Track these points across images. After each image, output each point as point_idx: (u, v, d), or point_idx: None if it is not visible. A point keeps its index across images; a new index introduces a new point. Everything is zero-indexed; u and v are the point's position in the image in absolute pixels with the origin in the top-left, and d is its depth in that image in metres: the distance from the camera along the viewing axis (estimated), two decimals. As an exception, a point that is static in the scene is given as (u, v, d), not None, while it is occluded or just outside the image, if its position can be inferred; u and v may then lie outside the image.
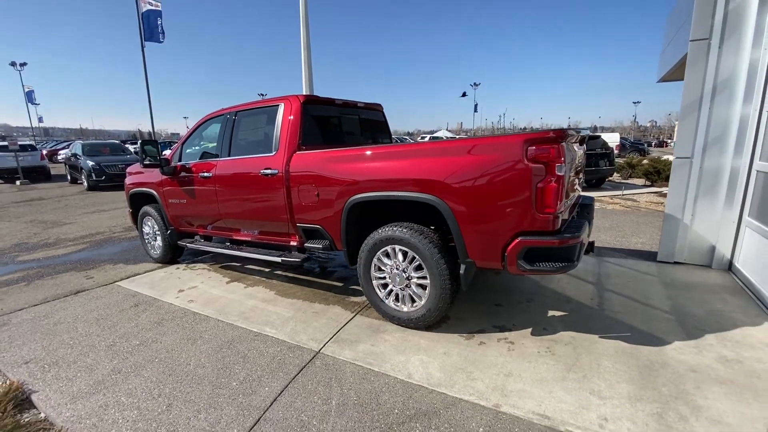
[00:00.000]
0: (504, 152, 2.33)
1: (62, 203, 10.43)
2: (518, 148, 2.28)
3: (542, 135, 2.26)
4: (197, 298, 3.83)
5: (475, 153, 2.44)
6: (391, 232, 2.84)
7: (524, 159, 2.26)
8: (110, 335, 3.12)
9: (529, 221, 2.33)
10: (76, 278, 4.59)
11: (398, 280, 2.90)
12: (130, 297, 3.95)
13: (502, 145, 2.35)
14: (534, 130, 2.62)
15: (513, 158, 2.30)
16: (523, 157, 2.27)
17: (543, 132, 2.28)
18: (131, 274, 4.69)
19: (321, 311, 3.39)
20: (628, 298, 3.41)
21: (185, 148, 4.51)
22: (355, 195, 2.95)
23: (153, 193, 4.81)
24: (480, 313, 3.20)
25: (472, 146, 2.47)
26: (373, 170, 2.85)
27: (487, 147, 2.41)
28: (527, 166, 2.26)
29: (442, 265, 2.65)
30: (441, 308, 2.75)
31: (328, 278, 4.28)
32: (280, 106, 3.58)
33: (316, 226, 3.36)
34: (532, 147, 2.25)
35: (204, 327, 3.20)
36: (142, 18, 17.21)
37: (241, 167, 3.80)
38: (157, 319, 3.38)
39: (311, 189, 3.24)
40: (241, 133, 3.99)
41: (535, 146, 2.24)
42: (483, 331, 2.89)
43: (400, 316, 2.95)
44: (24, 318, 3.52)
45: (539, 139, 2.25)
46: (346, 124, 4.17)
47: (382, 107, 4.62)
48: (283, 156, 3.42)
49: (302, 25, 9.35)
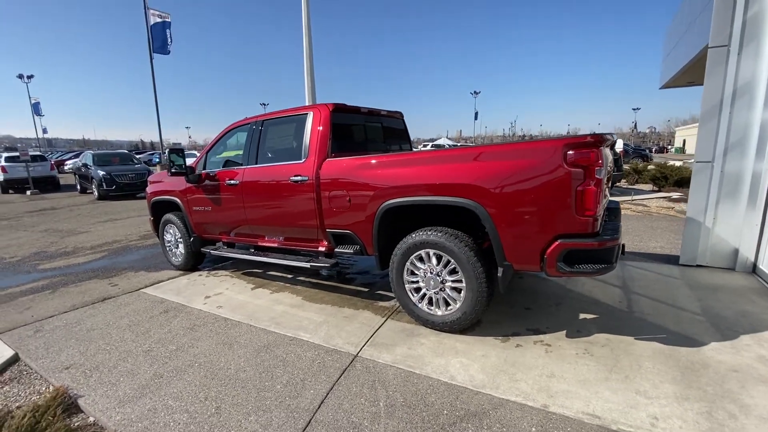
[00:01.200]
0: (543, 157, 2.39)
1: (74, 213, 10.51)
2: (558, 153, 2.33)
3: (580, 139, 2.31)
4: (225, 304, 3.86)
5: (513, 157, 2.49)
6: (425, 237, 2.88)
7: (564, 163, 2.32)
8: (145, 341, 3.15)
9: (568, 224, 2.37)
10: (100, 286, 4.64)
11: (432, 284, 2.94)
12: (158, 303, 3.99)
13: (541, 149, 2.40)
14: (534, 138, 2.65)
15: (552, 162, 2.35)
16: (563, 162, 2.32)
17: (580, 137, 2.34)
18: (155, 281, 4.73)
19: (351, 316, 3.42)
20: (655, 301, 3.44)
21: (210, 157, 4.58)
22: (388, 200, 3.00)
23: (176, 201, 4.87)
24: (511, 316, 3.23)
25: (510, 151, 2.53)
26: (407, 176, 2.91)
27: (526, 152, 2.46)
28: (567, 170, 2.31)
29: (478, 268, 2.69)
30: (477, 311, 2.78)
31: (352, 284, 4.31)
32: (308, 115, 3.65)
33: (347, 231, 3.40)
34: (571, 151, 2.30)
35: (237, 332, 3.23)
36: (151, 30, 17.48)
37: (269, 174, 3.86)
38: (190, 325, 3.41)
39: (343, 195, 3.30)
40: (268, 141, 4.06)
41: (574, 150, 2.30)
42: (518, 334, 2.92)
43: (434, 319, 2.98)
44: (56, 325, 3.56)
45: (578, 143, 2.30)
46: (370, 132, 4.24)
47: (402, 115, 4.70)
48: (314, 163, 3.48)
49: (305, 35, 9.51)
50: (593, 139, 2.30)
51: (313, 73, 9.55)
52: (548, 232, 2.43)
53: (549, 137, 2.58)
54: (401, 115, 4.68)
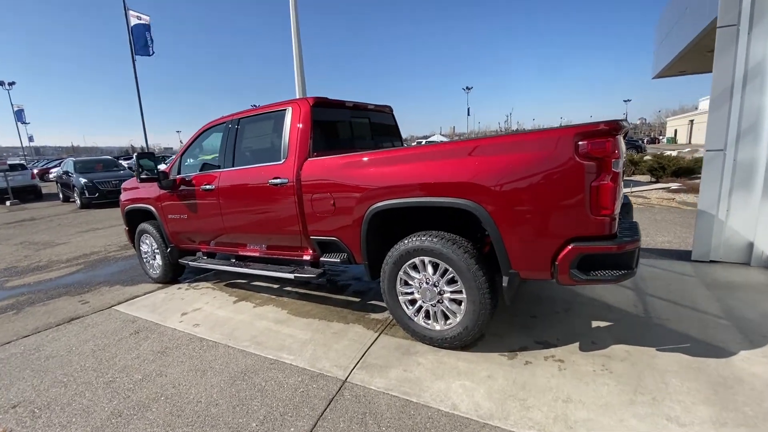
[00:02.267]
0: (551, 149, 2.08)
1: (54, 223, 10.06)
2: (568, 144, 2.02)
3: (593, 127, 2.01)
4: (203, 322, 3.52)
5: (517, 150, 2.18)
6: (419, 243, 2.56)
7: (575, 155, 2.01)
8: (108, 369, 2.80)
9: (582, 225, 2.07)
10: (69, 304, 4.27)
11: (429, 296, 2.62)
12: (129, 323, 3.63)
13: (549, 140, 2.09)
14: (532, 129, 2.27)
15: (562, 155, 2.04)
16: (574, 153, 2.01)
17: (592, 124, 2.03)
18: (130, 296, 4.37)
19: (341, 332, 3.09)
20: (673, 303, 3.15)
21: (184, 160, 4.23)
22: (377, 203, 2.68)
23: (151, 209, 4.51)
24: (516, 327, 2.93)
25: (512, 143, 2.22)
26: (397, 175, 2.59)
27: (531, 143, 2.15)
28: (579, 164, 2.00)
29: (480, 278, 2.38)
30: (480, 325, 2.47)
31: (343, 293, 3.98)
32: (287, 111, 3.32)
33: (332, 237, 3.08)
34: (583, 141, 1.99)
35: (213, 355, 2.89)
36: (131, 32, 16.98)
37: (247, 178, 3.52)
38: (161, 348, 3.07)
39: (326, 198, 2.97)
40: (245, 141, 3.72)
41: (587, 140, 1.99)
42: (526, 348, 2.61)
43: (432, 335, 2.66)
44: (12, 352, 3.19)
45: (591, 132, 2.00)
46: (357, 128, 3.92)
47: (391, 109, 4.38)
48: (294, 164, 3.15)
49: (293, 28, 9.14)
50: (608, 126, 1.99)
51: (303, 70, 9.19)
52: (559, 235, 2.12)
53: (557, 126, 2.25)
54: (390, 110, 4.36)
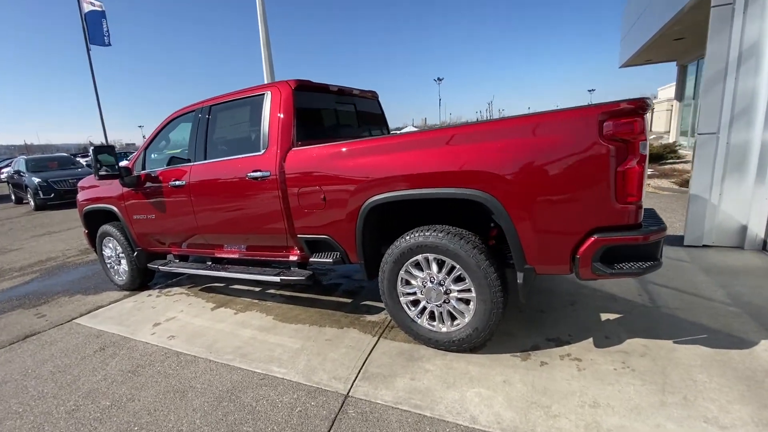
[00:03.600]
0: (572, 130, 1.87)
1: (6, 227, 9.20)
2: (591, 125, 1.82)
3: (618, 106, 1.81)
4: (179, 333, 3.17)
5: (532, 134, 1.96)
6: (422, 239, 2.32)
7: (599, 137, 1.81)
8: (71, 395, 2.43)
9: (607, 214, 1.88)
10: (24, 318, 3.80)
11: (434, 296, 2.40)
12: (93, 338, 3.23)
13: (569, 121, 1.89)
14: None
15: (584, 137, 1.84)
16: (599, 135, 1.81)
17: (615, 103, 1.83)
18: (93, 307, 3.93)
19: (335, 338, 2.83)
20: (677, 291, 3.07)
21: (149, 155, 3.80)
22: (374, 195, 2.42)
23: (113, 209, 4.05)
24: (524, 323, 2.75)
25: (527, 126, 1.99)
26: (396, 164, 2.33)
27: (549, 125, 1.94)
28: (604, 146, 1.81)
29: (491, 275, 2.17)
30: (492, 326, 2.27)
31: (333, 294, 3.71)
32: (266, 95, 2.98)
33: (323, 235, 2.79)
34: (609, 122, 1.80)
35: (193, 372, 2.57)
36: (85, 19, 15.75)
37: (222, 171, 3.16)
38: (131, 367, 2.71)
39: (315, 192, 2.68)
40: (217, 131, 3.35)
41: (612, 120, 1.80)
42: (538, 347, 2.44)
43: (438, 338, 2.44)
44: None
45: (617, 111, 1.80)
46: (342, 116, 3.62)
47: (377, 95, 4.09)
48: (276, 154, 2.83)
49: (260, 13, 8.63)
50: (634, 104, 1.80)
51: (271, 56, 8.70)
52: (581, 226, 1.93)
53: (578, 106, 2.01)
54: (376, 96, 4.07)
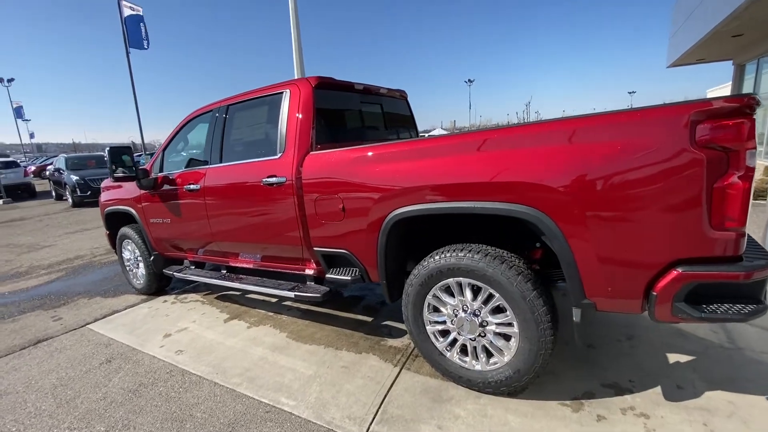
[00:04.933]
0: (652, 134, 1.48)
1: (43, 223, 9.54)
2: (679, 127, 1.42)
3: (715, 105, 1.40)
4: (187, 347, 2.96)
5: (599, 138, 1.58)
6: (454, 260, 1.97)
7: (691, 144, 1.41)
8: (67, 416, 2.25)
9: (696, 243, 1.47)
10: (41, 320, 3.73)
11: (467, 327, 2.04)
12: (102, 348, 3.08)
13: (650, 122, 1.49)
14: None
15: (669, 143, 1.44)
16: (690, 142, 1.41)
17: (709, 100, 1.42)
18: (109, 311, 3.82)
19: (352, 365, 2.53)
20: (763, 329, 2.56)
21: (167, 156, 3.65)
22: (399, 207, 2.09)
23: (131, 212, 3.94)
24: (571, 360, 2.35)
25: (593, 127, 1.61)
26: (427, 172, 1.99)
27: (623, 127, 1.54)
28: (697, 156, 1.41)
29: (539, 308, 1.79)
30: (536, 369, 1.89)
31: (352, 310, 3.41)
32: (284, 94, 2.72)
33: (341, 250, 2.50)
34: (705, 124, 1.39)
35: (196, 397, 2.33)
36: (125, 23, 16.33)
37: (236, 175, 2.94)
38: (134, 385, 2.51)
39: (333, 201, 2.39)
40: (234, 132, 3.13)
41: (710, 123, 1.39)
42: (592, 395, 2.03)
43: (471, 376, 2.09)
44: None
45: (717, 110, 1.39)
46: (367, 117, 3.32)
47: (406, 95, 3.77)
48: (293, 159, 2.56)
49: (291, 12, 8.53)
50: (739, 101, 1.39)
51: (302, 53, 8.58)
52: (661, 255, 1.53)
53: (661, 104, 1.60)
54: (405, 96, 3.75)
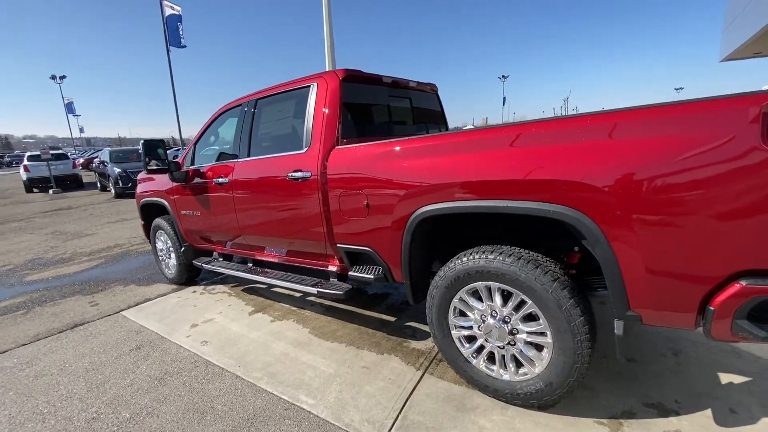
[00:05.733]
0: (715, 129, 1.31)
1: (88, 212, 10.10)
2: (747, 122, 1.25)
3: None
4: (212, 338, 3.00)
5: (652, 133, 1.42)
6: (483, 263, 1.86)
7: (763, 140, 1.23)
8: (96, 400, 2.32)
9: (764, 253, 1.29)
10: (79, 305, 3.91)
11: (495, 334, 1.93)
12: (133, 334, 3.18)
13: (712, 115, 1.32)
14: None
15: (738, 140, 1.27)
16: (761, 138, 1.23)
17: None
18: (141, 299, 3.96)
19: (373, 365, 2.46)
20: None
21: (198, 149, 3.72)
22: (425, 205, 2.00)
23: (164, 204, 4.06)
24: (609, 375, 2.17)
25: (646, 121, 1.45)
26: (455, 168, 1.89)
27: (677, 121, 1.38)
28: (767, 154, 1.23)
29: (576, 318, 1.65)
30: (571, 384, 1.75)
31: (375, 308, 3.35)
32: (311, 88, 2.68)
33: (364, 247, 2.43)
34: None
35: (218, 389, 2.34)
36: (166, 22, 17.01)
37: (263, 170, 2.93)
38: (160, 373, 2.56)
39: (358, 197, 2.32)
40: (262, 126, 3.13)
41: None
42: (632, 414, 1.87)
43: (498, 386, 1.97)
44: (4, 365, 2.81)
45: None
46: (396, 112, 3.23)
47: (437, 89, 3.65)
48: (318, 153, 2.52)
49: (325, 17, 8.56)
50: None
51: (333, 44, 8.59)
52: (721, 266, 1.36)
53: (723, 95, 1.41)
54: (436, 90, 3.63)
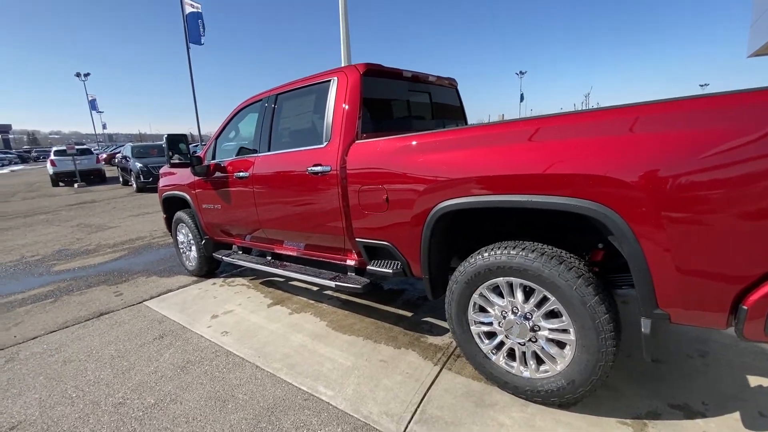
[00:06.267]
0: (749, 122, 1.26)
1: (111, 205, 10.40)
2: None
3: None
4: (233, 329, 3.06)
5: (682, 126, 1.37)
6: (505, 258, 1.84)
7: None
8: (122, 386, 2.39)
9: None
10: (104, 294, 4.04)
11: (516, 331, 1.91)
12: (156, 324, 3.27)
13: (748, 108, 1.27)
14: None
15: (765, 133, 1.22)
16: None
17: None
18: (163, 290, 4.06)
19: (391, 359, 2.47)
20: None
21: (219, 144, 3.78)
22: (446, 200, 1.99)
23: (186, 197, 4.14)
24: (632, 375, 2.13)
25: (670, 114, 1.41)
26: (477, 162, 1.87)
27: (707, 114, 1.33)
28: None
29: (601, 316, 1.62)
30: (594, 382, 1.72)
31: (392, 304, 3.36)
32: (332, 82, 2.69)
33: (383, 242, 2.44)
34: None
35: (238, 378, 2.39)
36: (186, 20, 17.28)
37: (283, 164, 2.97)
38: (182, 362, 2.63)
39: (377, 191, 2.32)
40: (282, 121, 3.16)
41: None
42: (657, 415, 1.82)
43: (518, 383, 1.95)
44: (34, 351, 2.92)
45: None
46: (415, 106, 3.22)
47: (456, 83, 3.62)
48: (338, 147, 2.53)
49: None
50: None
51: (348, 36, 8.61)
52: (755, 264, 1.31)
53: (754, 88, 1.35)
54: (455, 84, 3.59)
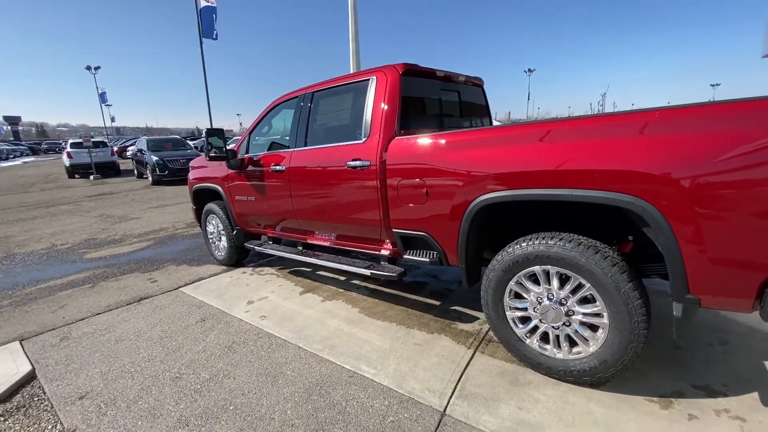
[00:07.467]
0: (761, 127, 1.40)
1: (129, 198, 10.62)
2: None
3: None
4: (270, 314, 3.24)
5: (710, 127, 1.52)
6: (543, 248, 1.99)
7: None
8: (175, 362, 2.58)
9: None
10: (140, 281, 4.23)
11: (551, 315, 2.06)
12: (195, 308, 3.45)
13: (758, 115, 1.42)
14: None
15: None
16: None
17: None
18: (196, 278, 4.25)
19: (425, 343, 2.64)
20: None
21: (253, 139, 3.94)
22: (486, 193, 2.14)
23: (218, 189, 4.32)
24: (656, 360, 2.28)
25: (704, 117, 1.55)
26: (518, 159, 2.02)
27: (738, 117, 1.47)
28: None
29: (634, 300, 1.78)
30: (625, 363, 1.88)
31: (419, 293, 3.52)
32: (371, 81, 2.85)
33: (421, 232, 2.60)
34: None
35: (283, 357, 2.57)
36: (200, 14, 17.45)
37: (321, 158, 3.13)
38: (228, 342, 2.81)
39: (417, 185, 2.48)
40: (319, 117, 3.32)
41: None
42: (681, 394, 1.98)
43: (551, 364, 2.11)
44: (85, 331, 3.12)
45: None
46: (445, 104, 3.36)
47: (483, 83, 3.76)
48: (378, 143, 2.68)
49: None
50: None
51: (357, 38, 8.76)
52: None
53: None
54: (482, 84, 3.73)
